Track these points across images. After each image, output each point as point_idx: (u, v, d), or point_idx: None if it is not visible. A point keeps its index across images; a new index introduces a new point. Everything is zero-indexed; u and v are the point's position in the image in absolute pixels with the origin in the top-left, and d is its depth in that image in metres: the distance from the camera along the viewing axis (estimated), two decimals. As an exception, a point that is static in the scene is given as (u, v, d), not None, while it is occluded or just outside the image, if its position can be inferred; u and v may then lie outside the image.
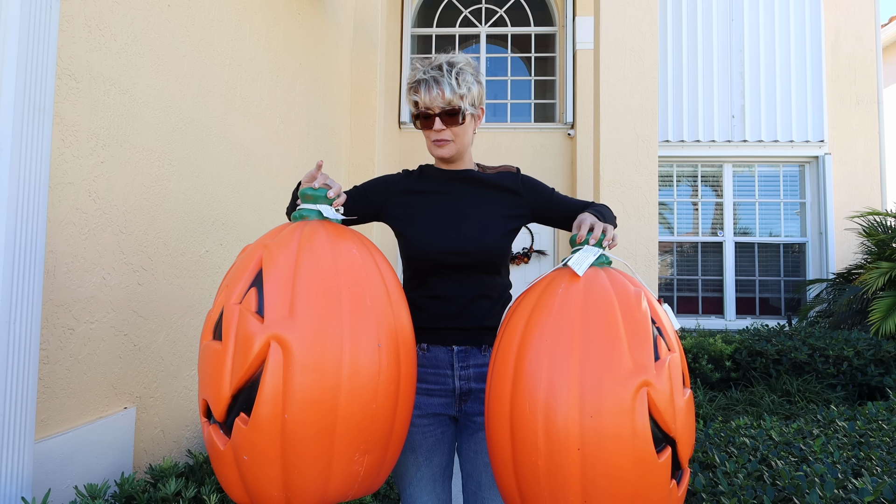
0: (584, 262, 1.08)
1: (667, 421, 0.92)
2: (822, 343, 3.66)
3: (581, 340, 0.95)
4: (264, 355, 0.91)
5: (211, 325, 0.99)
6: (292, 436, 0.90)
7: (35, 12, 1.29)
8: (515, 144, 6.12)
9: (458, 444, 1.38)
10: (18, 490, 1.26)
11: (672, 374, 0.95)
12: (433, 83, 1.30)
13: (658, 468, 0.91)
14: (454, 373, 1.32)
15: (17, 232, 1.25)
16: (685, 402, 0.97)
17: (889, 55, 8.28)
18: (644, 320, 0.97)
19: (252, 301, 0.95)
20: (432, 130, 1.34)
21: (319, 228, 1.07)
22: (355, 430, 0.95)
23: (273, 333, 0.91)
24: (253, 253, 1.03)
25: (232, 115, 2.41)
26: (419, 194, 1.39)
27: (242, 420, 0.91)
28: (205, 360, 0.97)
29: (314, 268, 0.97)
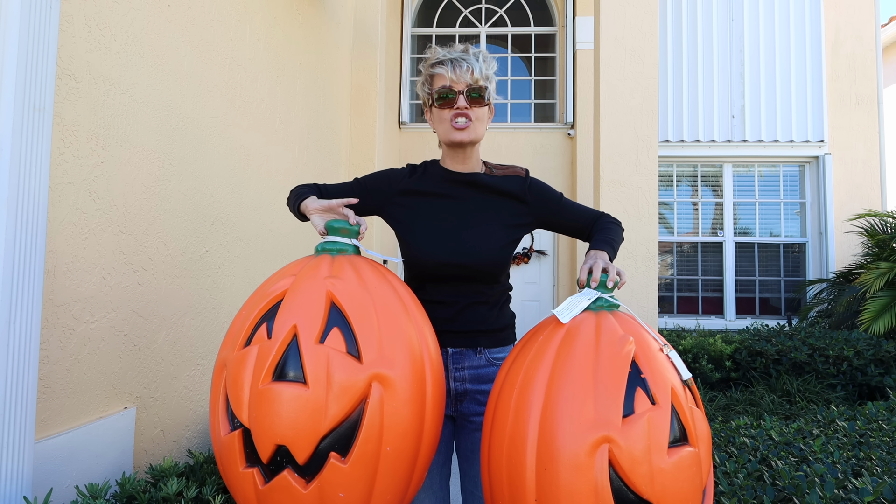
0: (571, 309, 1.05)
1: (635, 482, 0.86)
2: (822, 343, 3.66)
3: (547, 390, 0.93)
4: (365, 395, 0.94)
5: (270, 365, 0.94)
6: (390, 466, 0.96)
7: (35, 12, 1.29)
8: (515, 144, 6.12)
9: (456, 444, 1.38)
10: (19, 490, 1.26)
11: (651, 431, 0.87)
12: (461, 61, 1.27)
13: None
14: (449, 374, 1.32)
15: (17, 232, 1.25)
16: (674, 463, 0.87)
17: (889, 55, 8.28)
18: (618, 370, 0.91)
19: (340, 342, 0.96)
20: (454, 109, 1.28)
21: (364, 265, 1.10)
22: (431, 449, 1.06)
23: (374, 373, 0.95)
24: (310, 289, 1.00)
25: (232, 115, 2.41)
26: (422, 196, 1.35)
27: (337, 459, 0.92)
28: (279, 404, 0.91)
29: (388, 306, 1.02)
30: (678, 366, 0.98)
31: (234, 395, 0.97)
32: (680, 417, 0.92)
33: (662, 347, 0.99)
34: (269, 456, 0.93)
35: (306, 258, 1.13)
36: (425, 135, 6.12)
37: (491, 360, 1.34)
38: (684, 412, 0.92)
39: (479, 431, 1.33)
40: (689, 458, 0.90)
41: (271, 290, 1.04)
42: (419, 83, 1.37)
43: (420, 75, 1.38)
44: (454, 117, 1.29)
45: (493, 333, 1.35)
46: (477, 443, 1.33)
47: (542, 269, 6.10)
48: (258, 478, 0.94)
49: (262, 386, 0.93)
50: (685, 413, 0.92)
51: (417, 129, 6.19)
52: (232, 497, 1.43)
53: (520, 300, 5.99)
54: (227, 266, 2.38)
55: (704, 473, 0.93)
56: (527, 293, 6.03)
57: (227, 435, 0.98)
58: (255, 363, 0.96)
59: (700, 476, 0.91)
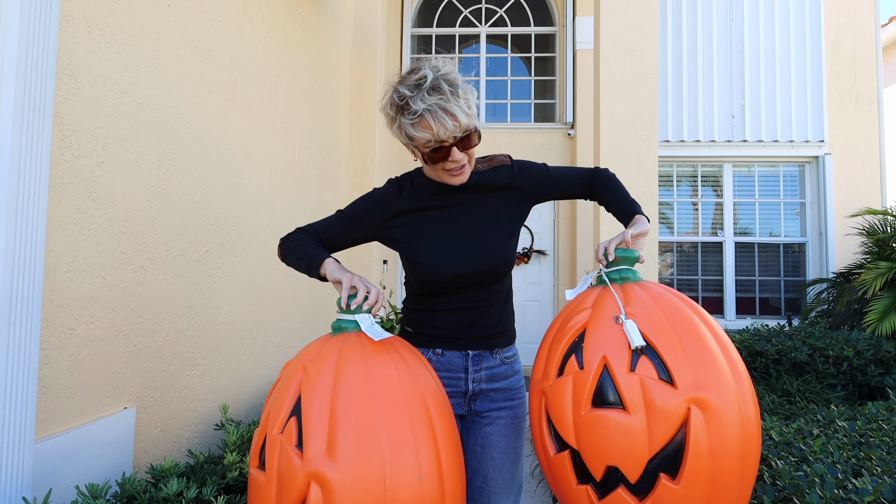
0: (579, 287, 1.23)
1: (558, 429, 1.06)
2: (822, 343, 3.66)
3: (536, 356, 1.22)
4: (305, 493, 0.91)
5: (256, 450, 0.99)
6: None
7: (35, 12, 1.29)
8: (515, 144, 6.12)
9: (465, 440, 1.39)
10: (19, 490, 1.26)
11: (574, 390, 1.03)
12: (442, 112, 1.12)
13: (554, 461, 1.08)
14: (468, 376, 1.34)
15: (17, 232, 1.25)
16: (592, 420, 0.99)
17: (889, 55, 8.28)
18: (563, 340, 1.11)
19: (293, 433, 0.95)
20: (448, 161, 1.20)
21: (356, 347, 1.06)
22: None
23: (312, 471, 0.91)
24: (293, 375, 1.02)
25: (232, 115, 2.41)
26: (417, 212, 1.32)
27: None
28: (252, 489, 0.99)
29: (352, 397, 0.96)
30: (630, 334, 1.03)
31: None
32: (614, 383, 1.01)
33: (617, 317, 1.06)
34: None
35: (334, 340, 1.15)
36: (425, 135, 6.12)
37: (503, 360, 1.38)
38: (617, 379, 1.00)
39: (491, 426, 1.35)
40: (611, 420, 0.99)
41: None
42: (389, 123, 1.22)
43: (387, 116, 1.23)
44: (451, 171, 1.23)
45: (505, 333, 1.40)
46: (486, 437, 1.35)
47: (542, 269, 6.10)
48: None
49: (250, 468, 1.02)
50: (617, 380, 1.00)
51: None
52: (232, 498, 1.43)
53: (520, 300, 5.99)
54: (227, 266, 2.38)
55: (654, 441, 0.96)
56: (527, 293, 6.03)
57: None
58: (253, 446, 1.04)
59: (637, 441, 0.96)
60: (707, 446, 0.94)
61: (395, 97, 1.17)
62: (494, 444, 1.34)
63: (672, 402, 0.96)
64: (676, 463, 0.96)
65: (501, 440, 1.35)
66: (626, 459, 0.96)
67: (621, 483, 0.98)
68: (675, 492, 0.95)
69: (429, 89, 1.12)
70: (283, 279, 3.01)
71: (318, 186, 3.58)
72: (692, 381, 0.97)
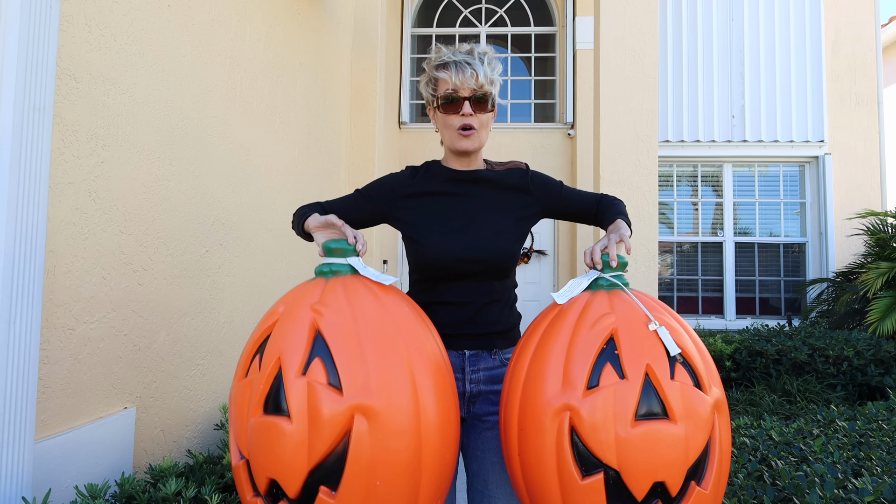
0: (571, 291, 1.11)
1: (594, 448, 0.93)
2: (822, 343, 3.66)
3: (530, 364, 1.05)
4: (348, 428, 0.90)
5: (259, 398, 0.94)
6: (382, 501, 0.91)
7: (35, 12, 1.29)
8: (515, 144, 6.12)
9: (464, 444, 1.38)
10: (18, 490, 1.26)
11: (616, 403, 0.93)
12: (465, 65, 1.26)
13: (581, 488, 0.94)
14: (465, 377, 1.31)
15: (17, 232, 1.25)
16: (641, 434, 0.92)
17: (889, 55, 8.28)
18: (590, 346, 0.98)
19: (321, 373, 0.93)
20: (458, 115, 1.28)
21: (359, 286, 1.05)
22: (435, 481, 0.99)
23: (355, 404, 0.90)
24: (296, 318, 0.98)
25: (232, 115, 2.41)
26: (428, 196, 1.35)
27: (326, 494, 0.90)
28: (266, 437, 0.92)
29: (375, 330, 0.97)
30: (666, 342, 0.99)
31: (237, 428, 0.99)
32: (658, 393, 0.95)
33: (650, 324, 1.01)
34: (265, 488, 0.94)
35: (304, 283, 1.11)
36: (425, 135, 6.12)
37: (504, 361, 1.35)
38: (662, 388, 0.95)
39: (491, 430, 1.33)
40: (661, 432, 0.92)
41: (267, 320, 1.04)
42: (422, 82, 1.37)
43: (423, 74, 1.37)
44: (460, 127, 1.30)
45: (507, 334, 1.37)
46: (487, 442, 1.33)
47: (542, 269, 6.10)
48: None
49: (253, 419, 0.94)
50: (663, 389, 0.94)
51: (417, 129, 6.19)
52: (230, 498, 1.43)
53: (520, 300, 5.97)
54: (227, 266, 2.38)
55: (692, 450, 0.94)
56: (527, 293, 6.03)
57: (236, 464, 1.01)
58: (248, 396, 0.97)
59: (682, 452, 0.93)
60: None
61: (436, 54, 1.33)
62: (495, 448, 1.33)
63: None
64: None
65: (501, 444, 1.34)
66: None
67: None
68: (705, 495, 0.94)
69: (464, 51, 1.30)
70: (283, 279, 3.01)
71: (318, 186, 3.58)
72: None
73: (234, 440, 1.01)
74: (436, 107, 1.33)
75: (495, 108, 1.34)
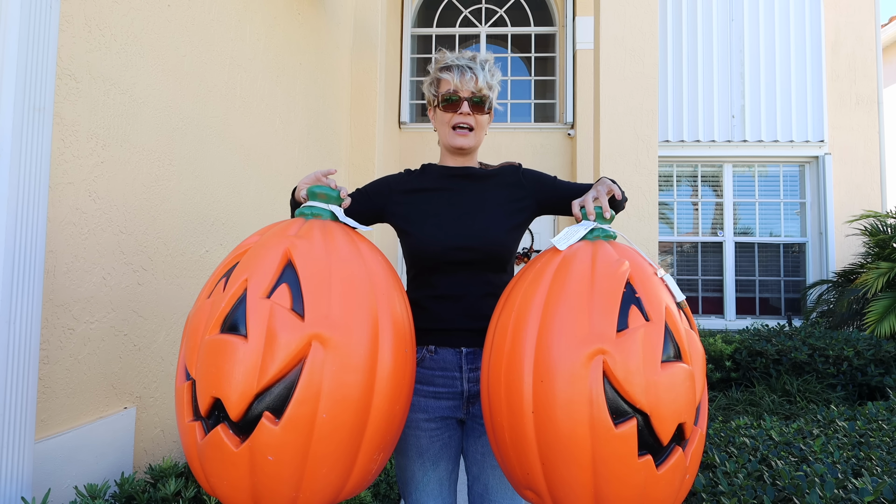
0: (569, 238, 1.09)
1: (629, 392, 0.89)
2: (822, 343, 3.66)
3: (543, 310, 0.98)
4: (304, 354, 0.89)
5: (219, 316, 0.93)
6: (325, 434, 0.89)
7: (35, 12, 1.29)
8: (515, 144, 6.12)
9: (465, 447, 1.37)
10: (18, 490, 1.26)
11: (645, 345, 0.91)
12: (467, 69, 1.34)
13: (615, 437, 0.89)
14: (463, 375, 1.30)
15: (17, 232, 1.25)
16: (668, 376, 0.91)
17: (889, 55, 8.28)
18: (613, 290, 0.95)
19: (286, 298, 0.92)
20: (457, 114, 1.35)
21: (337, 230, 1.06)
22: (382, 429, 0.97)
23: (315, 332, 0.90)
24: (270, 245, 0.98)
25: (232, 115, 2.41)
26: (422, 192, 1.38)
27: (269, 420, 0.88)
28: (219, 355, 0.90)
29: (346, 270, 0.97)
30: (672, 288, 1.00)
31: (189, 346, 0.96)
32: (674, 336, 0.95)
33: (657, 271, 1.02)
34: (207, 408, 0.91)
35: (282, 221, 1.11)
36: (425, 135, 6.12)
37: None
38: (679, 331, 0.95)
39: None
40: (682, 373, 0.93)
41: (240, 248, 1.04)
42: (426, 83, 1.43)
43: (427, 75, 1.44)
44: (457, 124, 1.36)
45: None
46: (487, 445, 1.32)
47: (542, 269, 6.09)
48: (199, 431, 0.93)
49: (208, 337, 0.92)
50: (679, 332, 0.95)
51: (417, 129, 6.19)
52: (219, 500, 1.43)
53: (520, 300, 5.99)
54: (227, 266, 2.38)
55: (698, 391, 0.96)
56: (527, 293, 6.02)
57: (180, 385, 0.98)
58: (207, 314, 0.95)
59: (694, 393, 0.94)
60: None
61: (440, 58, 1.40)
62: None
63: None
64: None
65: None
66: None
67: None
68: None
69: (466, 57, 1.37)
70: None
71: (318, 186, 3.58)
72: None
73: (183, 360, 0.99)
74: (436, 105, 1.38)
75: (492, 112, 1.41)
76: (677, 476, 0.93)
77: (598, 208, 1.13)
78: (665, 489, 0.92)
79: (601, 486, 0.91)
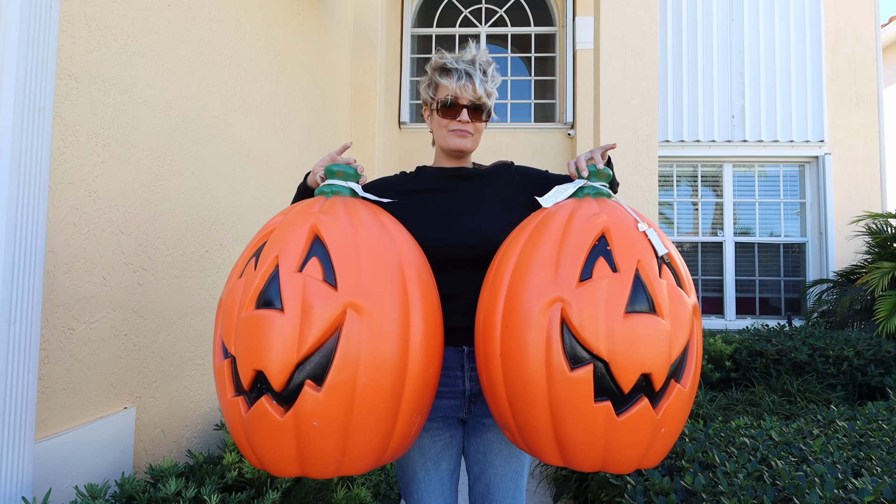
0: (556, 196, 1.12)
1: (586, 339, 0.93)
2: (822, 343, 3.66)
3: (516, 262, 1.04)
4: (340, 322, 0.92)
5: (253, 293, 0.96)
6: (366, 398, 0.93)
7: (35, 12, 1.29)
8: (515, 144, 6.12)
9: (466, 446, 1.37)
10: (18, 490, 1.26)
11: (608, 295, 0.93)
12: (465, 75, 1.32)
13: (569, 380, 0.93)
14: (465, 374, 1.30)
15: (17, 232, 1.25)
16: (631, 326, 0.92)
17: (889, 55, 8.28)
18: (582, 241, 0.98)
19: (318, 270, 0.95)
20: (456, 121, 1.35)
21: (359, 205, 1.09)
22: (419, 392, 1.01)
23: (349, 301, 0.93)
24: (297, 223, 1.01)
25: (232, 115, 2.41)
26: (418, 193, 1.39)
27: (311, 387, 0.91)
28: (258, 329, 0.93)
29: (372, 241, 1.00)
30: (654, 242, 1.00)
31: (225, 326, 1.00)
32: (646, 288, 0.96)
33: (639, 225, 1.01)
34: (249, 382, 0.94)
35: (304, 200, 1.14)
36: (425, 135, 6.12)
37: None
38: (652, 284, 0.96)
39: (491, 432, 1.33)
40: (649, 325, 0.93)
41: (266, 228, 1.07)
42: (422, 83, 1.42)
43: (424, 74, 1.42)
44: (455, 131, 1.36)
45: None
46: (488, 444, 1.32)
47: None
48: (242, 406, 0.96)
49: (245, 313, 0.95)
50: (652, 284, 0.96)
51: (417, 129, 6.19)
52: (228, 497, 1.43)
53: (520, 300, 5.99)
54: (227, 266, 2.38)
55: (676, 345, 0.95)
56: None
57: (219, 364, 1.01)
58: (241, 293, 0.98)
59: (667, 346, 0.94)
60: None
61: (439, 59, 1.37)
62: (496, 451, 1.32)
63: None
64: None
65: (503, 447, 1.33)
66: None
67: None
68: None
69: (466, 60, 1.35)
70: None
71: (318, 186, 3.58)
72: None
73: (220, 339, 1.02)
74: (434, 109, 1.38)
75: (489, 118, 1.41)
76: (643, 426, 0.94)
77: (591, 166, 1.13)
78: (629, 437, 0.94)
79: (559, 427, 0.96)
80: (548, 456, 1.01)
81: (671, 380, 0.96)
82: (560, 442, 0.97)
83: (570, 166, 1.17)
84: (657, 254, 0.99)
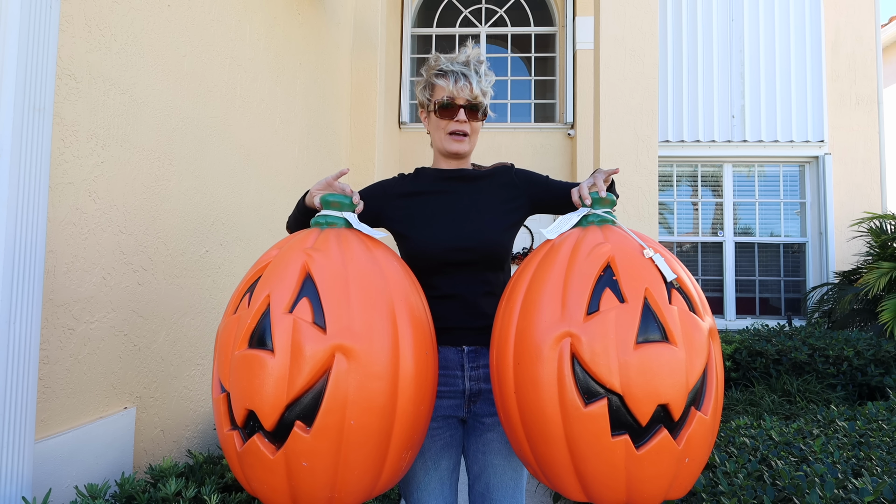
0: (560, 227, 1.11)
1: (597, 373, 0.91)
2: (822, 343, 3.66)
3: (524, 297, 1.04)
4: (328, 365, 0.93)
5: (245, 332, 0.97)
6: (354, 440, 0.94)
7: (35, 12, 1.29)
8: (515, 144, 6.12)
9: (466, 446, 1.37)
10: (18, 490, 1.26)
11: (617, 326, 0.92)
12: (461, 76, 1.34)
13: (584, 416, 0.91)
14: (464, 374, 1.31)
15: (17, 232, 1.25)
16: (644, 357, 0.90)
17: (889, 55, 8.28)
18: (587, 274, 0.97)
19: (307, 312, 0.96)
20: (454, 121, 1.36)
21: (352, 238, 1.09)
22: (409, 430, 1.01)
23: (337, 344, 0.94)
24: (289, 260, 1.02)
25: (232, 115, 2.41)
26: (417, 195, 1.39)
27: (301, 428, 0.92)
28: (249, 369, 0.95)
29: (363, 279, 1.01)
30: (662, 268, 0.98)
31: (220, 362, 1.02)
32: (657, 316, 0.94)
33: (644, 251, 1.00)
34: (242, 419, 0.96)
35: (299, 232, 1.15)
36: (425, 135, 6.11)
37: None
38: (661, 311, 0.94)
39: (491, 432, 1.33)
40: (661, 354, 0.91)
41: (260, 262, 1.08)
42: (419, 86, 1.43)
43: (421, 77, 1.43)
44: (453, 131, 1.37)
45: None
46: (488, 444, 1.32)
47: (542, 269, 6.09)
48: (237, 440, 0.98)
49: (238, 352, 0.97)
50: (662, 312, 0.94)
51: (417, 129, 6.19)
52: (227, 497, 1.43)
53: (520, 300, 5.98)
54: (227, 266, 2.38)
55: (693, 373, 0.93)
56: (527, 293, 6.02)
57: (217, 397, 1.03)
58: (235, 330, 1.00)
59: (683, 375, 0.92)
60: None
61: (434, 62, 1.39)
62: (496, 450, 1.32)
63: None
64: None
65: (503, 447, 1.33)
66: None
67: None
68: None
69: (461, 61, 1.36)
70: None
71: (318, 186, 3.58)
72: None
73: (217, 374, 1.03)
74: (432, 110, 1.39)
75: (485, 117, 1.42)
76: (665, 458, 0.92)
77: (594, 194, 1.12)
78: (651, 470, 0.93)
79: (578, 464, 0.94)
80: (570, 492, 0.99)
81: (691, 407, 0.94)
82: (581, 478, 0.96)
83: (574, 195, 1.18)
84: (665, 279, 0.97)
